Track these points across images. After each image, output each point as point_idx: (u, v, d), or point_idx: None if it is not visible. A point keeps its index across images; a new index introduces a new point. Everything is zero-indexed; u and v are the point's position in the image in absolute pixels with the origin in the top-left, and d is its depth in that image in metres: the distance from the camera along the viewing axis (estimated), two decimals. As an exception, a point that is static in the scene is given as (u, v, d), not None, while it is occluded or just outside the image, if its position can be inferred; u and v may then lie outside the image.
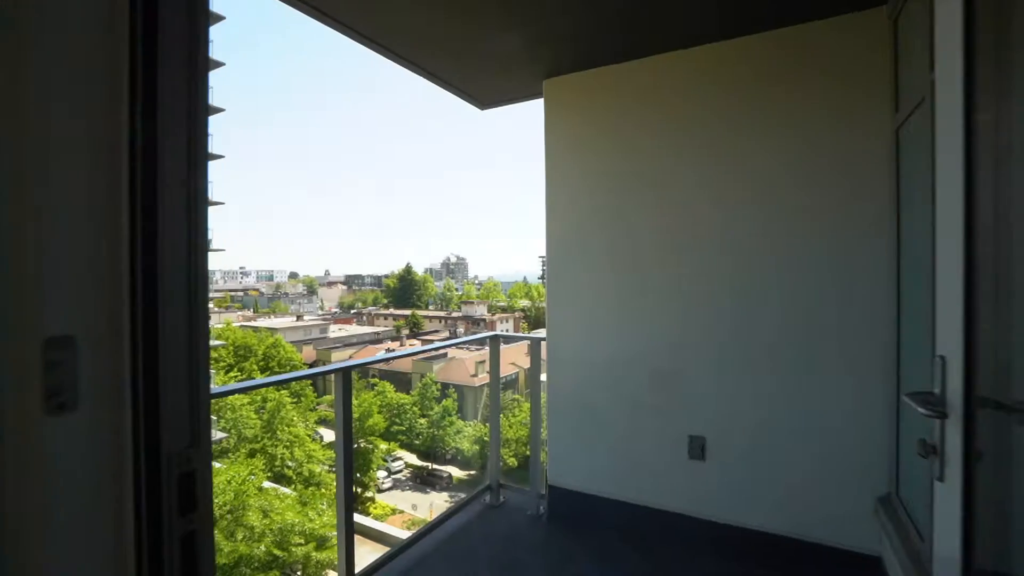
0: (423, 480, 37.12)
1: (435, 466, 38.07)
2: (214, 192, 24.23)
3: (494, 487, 3.63)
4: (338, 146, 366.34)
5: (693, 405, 2.88)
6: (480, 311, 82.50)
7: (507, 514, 3.45)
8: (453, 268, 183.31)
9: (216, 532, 16.57)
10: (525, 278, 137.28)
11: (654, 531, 2.92)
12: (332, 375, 2.50)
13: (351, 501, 2.44)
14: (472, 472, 36.10)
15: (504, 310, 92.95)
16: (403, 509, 31.38)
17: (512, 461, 32.81)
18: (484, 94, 3.75)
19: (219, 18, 24.02)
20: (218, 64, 23.98)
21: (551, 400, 3.33)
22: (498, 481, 3.65)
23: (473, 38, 2.81)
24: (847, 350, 2.48)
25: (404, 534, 22.12)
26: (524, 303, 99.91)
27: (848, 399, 2.47)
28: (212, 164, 26.15)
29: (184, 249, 0.70)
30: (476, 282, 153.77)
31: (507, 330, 75.47)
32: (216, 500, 17.49)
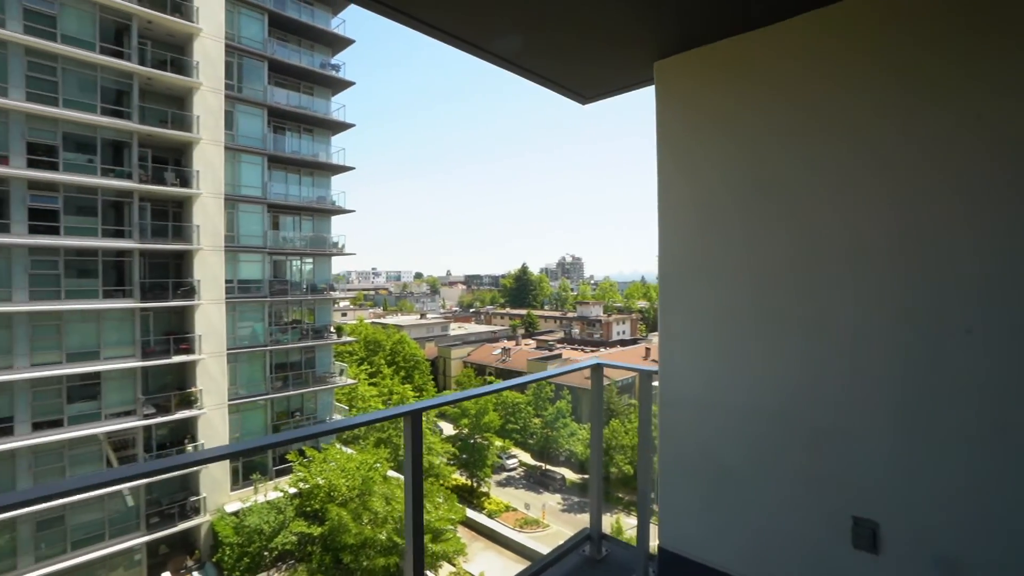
0: (536, 480, 37.37)
1: (548, 467, 38.11)
2: (346, 201, 26.57)
3: (595, 538, 3.15)
4: (458, 152, 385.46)
5: (861, 476, 2.13)
6: (596, 312, 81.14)
7: (610, 574, 2.96)
8: (568, 268, 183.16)
9: (346, 513, 18.05)
10: (643, 278, 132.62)
11: (800, 632, 2.24)
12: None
13: (420, 555, 2.15)
14: (585, 476, 35.47)
15: (620, 311, 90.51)
16: (516, 507, 31.80)
17: (628, 468, 31.60)
18: (586, 86, 3.27)
19: (349, 42, 26.26)
20: (348, 84, 26.27)
21: (664, 445, 2.75)
22: (599, 531, 3.17)
23: (578, 21, 2.37)
24: None
25: (515, 535, 22.28)
26: (642, 304, 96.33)
27: None
28: (343, 175, 28.57)
29: None
30: (592, 282, 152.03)
31: (624, 332, 73.28)
32: (347, 483, 19.05)
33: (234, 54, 22.08)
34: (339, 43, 26.48)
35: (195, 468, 20.26)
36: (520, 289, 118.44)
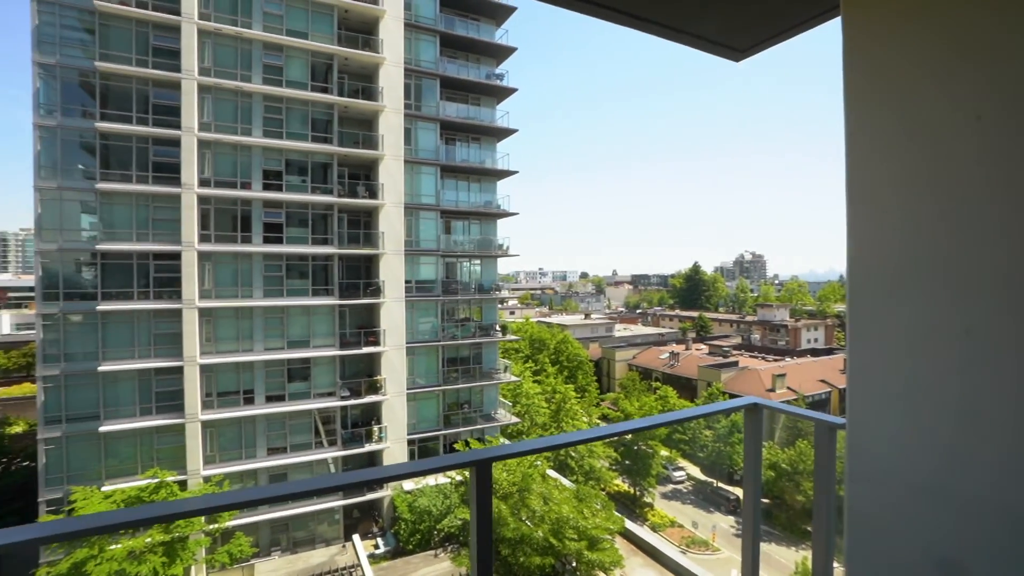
0: (706, 497, 34.41)
1: (720, 484, 34.83)
2: (511, 204, 27.65)
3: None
4: (624, 147, 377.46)
5: None
6: (780, 316, 71.78)
7: None
8: (748, 267, 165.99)
9: (505, 507, 18.59)
10: (842, 277, 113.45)
11: None
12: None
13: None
14: (764, 501, 31.49)
15: (812, 315, 78.51)
16: (682, 523, 29.61)
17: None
18: (742, 35, 2.46)
19: (512, 50, 27.18)
20: (511, 91, 27.19)
21: (853, 534, 1.87)
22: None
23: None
24: None
25: (679, 556, 20.53)
26: (839, 308, 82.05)
27: None
28: (509, 179, 29.65)
29: None
30: (776, 282, 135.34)
31: (816, 339, 63.45)
32: (508, 477, 19.63)
33: (411, 76, 24.48)
34: (503, 53, 27.61)
35: (377, 449, 22.95)
36: (691, 289, 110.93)
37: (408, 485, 22.60)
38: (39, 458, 18.73)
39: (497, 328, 28.09)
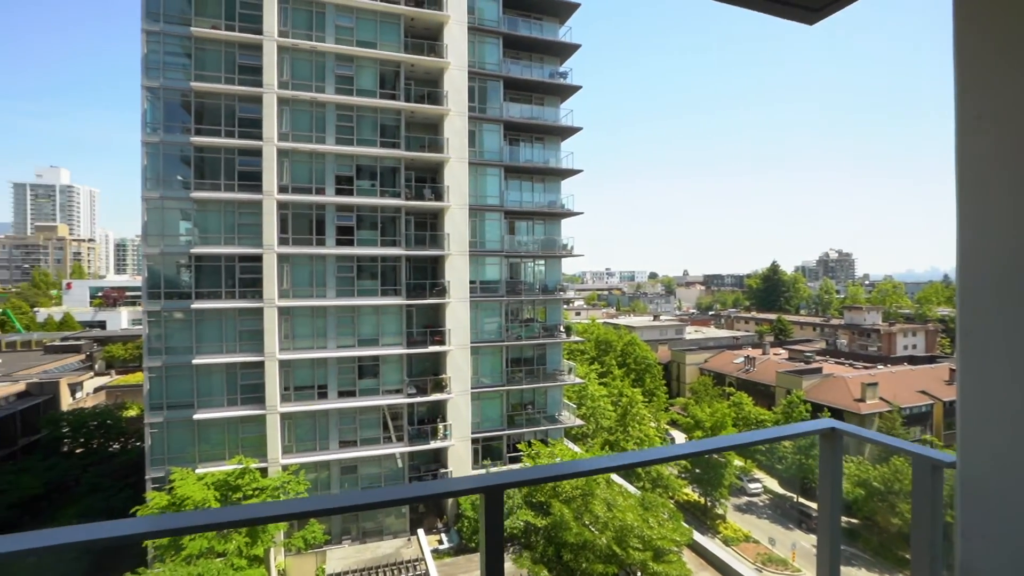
0: (785, 512, 32.22)
1: (801, 499, 32.46)
2: (575, 203, 27.24)
3: None
4: (693, 142, 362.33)
5: None
6: (871, 319, 65.81)
7: None
8: (833, 266, 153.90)
9: (568, 511, 18.25)
10: (946, 277, 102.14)
11: None
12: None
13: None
14: (853, 521, 28.89)
15: (909, 319, 71.27)
16: (758, 539, 27.83)
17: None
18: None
19: (575, 48, 26.80)
20: (575, 88, 26.78)
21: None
22: None
23: None
24: None
25: (753, 575, 19.27)
26: (942, 311, 73.68)
27: None
28: (573, 178, 29.19)
29: None
30: (865, 283, 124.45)
31: (915, 346, 57.59)
32: (571, 481, 19.27)
33: (475, 79, 24.75)
34: (566, 51, 27.29)
35: (443, 446, 23.35)
36: (769, 290, 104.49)
37: (471, 483, 22.86)
38: (145, 440, 20.79)
39: (561, 329, 27.76)
